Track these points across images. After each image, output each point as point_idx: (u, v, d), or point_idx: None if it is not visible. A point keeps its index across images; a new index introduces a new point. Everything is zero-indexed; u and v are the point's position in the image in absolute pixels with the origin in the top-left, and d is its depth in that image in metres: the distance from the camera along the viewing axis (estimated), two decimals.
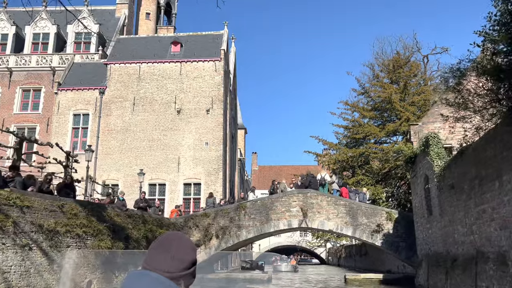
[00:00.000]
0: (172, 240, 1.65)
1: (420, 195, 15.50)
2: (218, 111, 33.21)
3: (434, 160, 13.07)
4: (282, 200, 20.85)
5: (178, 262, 1.60)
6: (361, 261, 40.69)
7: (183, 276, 1.60)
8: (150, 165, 32.62)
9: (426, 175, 14.35)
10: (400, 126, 29.58)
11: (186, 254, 1.64)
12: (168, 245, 1.64)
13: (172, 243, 1.64)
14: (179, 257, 1.61)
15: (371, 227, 20.04)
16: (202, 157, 32.54)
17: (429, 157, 13.36)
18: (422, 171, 14.92)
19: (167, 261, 1.59)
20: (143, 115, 33.31)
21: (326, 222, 20.34)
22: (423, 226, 15.45)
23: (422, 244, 15.79)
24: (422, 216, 15.60)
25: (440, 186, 12.32)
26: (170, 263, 1.59)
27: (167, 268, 1.58)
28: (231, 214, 21.03)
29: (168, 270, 1.58)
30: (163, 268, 1.58)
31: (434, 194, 13.39)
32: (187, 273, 1.62)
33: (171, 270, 1.58)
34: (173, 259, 1.60)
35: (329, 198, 20.60)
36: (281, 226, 20.62)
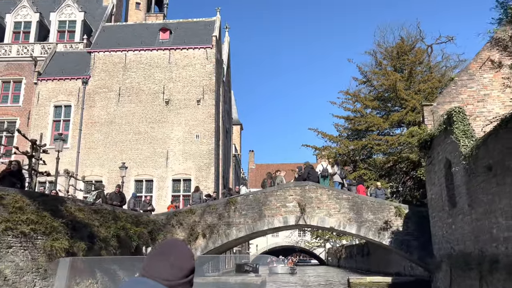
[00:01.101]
0: (171, 248, 1.62)
1: (439, 184, 12.94)
2: (210, 101, 30.66)
3: (460, 139, 10.52)
4: (277, 194, 18.30)
5: (177, 270, 1.57)
6: (363, 262, 38.12)
7: (181, 284, 1.57)
8: (137, 160, 30.06)
9: (448, 160, 11.80)
10: (406, 116, 27.03)
11: (186, 262, 1.60)
12: (168, 252, 1.60)
13: (171, 250, 1.61)
14: (179, 265, 1.58)
15: (378, 224, 17.49)
16: (192, 151, 29.98)
17: (454, 136, 10.81)
18: (442, 156, 12.36)
19: (166, 269, 1.56)
20: (129, 106, 30.75)
21: (326, 219, 17.79)
22: (443, 221, 12.89)
23: (441, 242, 13.23)
24: (441, 210, 13.03)
25: (470, 170, 9.76)
26: (169, 271, 1.56)
27: (166, 276, 1.55)
28: (219, 211, 18.46)
29: (167, 278, 1.55)
30: (162, 276, 1.55)
31: (460, 181, 10.82)
32: (185, 281, 1.58)
33: (170, 278, 1.55)
34: (173, 267, 1.57)
35: (330, 192, 18.04)
36: (276, 224, 18.06)
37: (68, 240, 11.72)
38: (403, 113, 26.94)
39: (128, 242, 14.73)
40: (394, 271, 27.33)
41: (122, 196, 17.22)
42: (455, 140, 10.72)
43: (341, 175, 19.18)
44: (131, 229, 15.05)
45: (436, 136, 12.92)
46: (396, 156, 27.41)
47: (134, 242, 15.02)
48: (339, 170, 19.23)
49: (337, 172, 19.09)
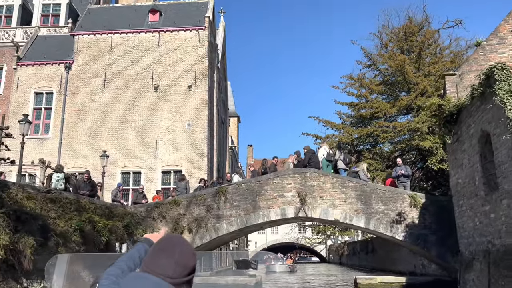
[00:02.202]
0: (175, 245, 1.58)
1: (470, 165, 10.43)
2: (202, 87, 28.14)
3: (506, 101, 8.03)
4: (274, 182, 15.81)
5: (181, 267, 1.54)
6: (367, 259, 35.62)
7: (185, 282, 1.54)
8: (123, 150, 27.56)
9: (485, 132, 9.31)
10: (415, 100, 24.51)
11: (189, 260, 1.57)
12: (172, 249, 1.56)
13: (175, 247, 1.57)
14: (183, 263, 1.55)
15: (390, 216, 15.00)
16: (183, 140, 27.47)
17: (497, 99, 8.30)
18: (476, 128, 9.86)
19: (171, 266, 1.52)
20: (115, 93, 28.23)
21: (330, 210, 15.30)
22: (476, 210, 10.38)
23: (473, 236, 10.71)
24: (472, 196, 10.53)
25: None
26: (174, 268, 1.52)
27: (170, 273, 1.51)
28: (208, 202, 15.98)
29: (171, 275, 1.51)
30: (166, 273, 1.51)
31: (505, 156, 8.32)
32: (188, 279, 1.56)
33: (174, 276, 1.52)
34: (177, 264, 1.53)
35: (334, 179, 15.55)
36: (272, 216, 15.58)
37: (9, 235, 9.24)
38: (412, 97, 24.42)
39: (95, 238, 12.25)
40: (403, 270, 24.85)
41: (92, 184, 14.72)
42: (499, 103, 8.21)
43: (345, 160, 16.69)
44: (100, 222, 12.55)
45: (466, 106, 10.43)
46: (404, 144, 24.93)
47: (103, 238, 12.53)
48: (342, 155, 16.72)
49: (340, 157, 16.58)
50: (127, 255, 1.77)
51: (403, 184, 15.70)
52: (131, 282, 1.52)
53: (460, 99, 11.31)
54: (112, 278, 1.60)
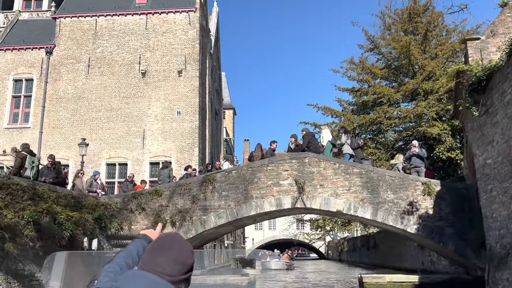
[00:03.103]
0: (173, 242, 1.56)
1: (505, 140, 8.47)
2: (193, 72, 26.12)
3: None
4: (268, 169, 13.84)
5: (180, 265, 1.52)
6: (369, 255, 33.73)
7: (183, 280, 1.53)
8: (109, 141, 25.56)
9: None
10: (422, 84, 22.57)
11: (188, 258, 1.55)
12: (170, 247, 1.54)
13: (173, 245, 1.55)
14: (181, 261, 1.53)
15: (401, 205, 13.06)
16: (172, 129, 25.48)
17: None
18: None
19: (169, 264, 1.50)
20: (100, 79, 26.20)
21: (332, 200, 13.35)
22: None
23: (509, 226, 8.74)
24: (507, 178, 8.57)
25: None
26: (172, 266, 1.50)
27: (169, 271, 1.49)
28: (193, 191, 14.00)
29: (170, 273, 1.49)
30: (164, 271, 1.49)
31: None
32: (187, 276, 1.54)
33: (172, 274, 1.50)
34: (176, 262, 1.51)
35: (336, 165, 13.58)
36: (266, 207, 13.62)
37: None
38: (419, 80, 22.46)
39: (56, 232, 10.25)
40: (409, 267, 22.95)
41: (58, 171, 12.69)
42: None
43: (353, 145, 14.74)
44: (63, 214, 10.56)
45: (500, 68, 8.47)
46: (410, 131, 22.99)
47: (66, 232, 10.53)
48: (349, 139, 14.76)
49: (346, 142, 14.62)
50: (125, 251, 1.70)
51: (417, 170, 13.76)
52: (129, 280, 1.48)
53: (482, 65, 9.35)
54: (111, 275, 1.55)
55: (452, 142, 21.65)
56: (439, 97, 21.55)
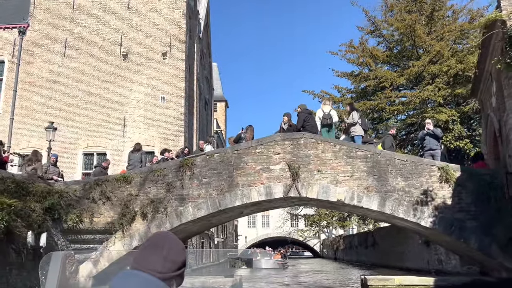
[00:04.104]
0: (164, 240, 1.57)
1: None
2: (179, 55, 23.86)
3: None
4: (257, 152, 11.67)
5: (170, 263, 1.52)
6: (367, 254, 31.63)
7: (174, 277, 1.53)
8: (86, 128, 23.27)
9: None
10: (428, 67, 20.47)
11: (179, 255, 1.56)
12: (161, 245, 1.55)
13: (164, 243, 1.56)
14: (172, 258, 1.53)
15: (413, 194, 10.93)
16: (156, 116, 23.23)
17: None
18: None
19: (159, 262, 1.51)
20: (77, 62, 23.89)
21: (332, 188, 11.20)
22: None
23: None
24: None
25: None
26: (162, 264, 1.51)
27: (159, 269, 1.50)
28: (169, 178, 11.80)
29: (160, 270, 1.50)
30: (155, 269, 1.50)
31: None
32: (179, 273, 1.54)
33: (163, 271, 1.50)
34: (166, 259, 1.52)
35: (337, 147, 11.44)
36: (254, 196, 11.45)
37: None
38: (425, 62, 20.33)
39: None
40: (413, 266, 20.86)
41: None
42: None
43: (365, 125, 12.65)
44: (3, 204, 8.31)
45: None
46: (415, 118, 20.90)
47: (1, 223, 8.30)
48: (359, 118, 12.63)
49: (357, 121, 12.48)
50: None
51: (432, 153, 11.64)
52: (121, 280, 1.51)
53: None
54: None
55: (461, 130, 19.61)
56: (448, 80, 19.50)
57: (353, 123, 12.54)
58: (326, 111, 12.22)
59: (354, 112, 12.72)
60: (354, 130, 12.47)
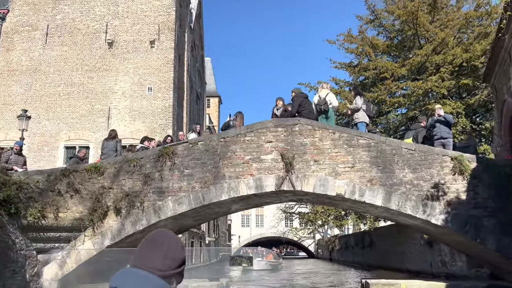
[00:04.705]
0: (163, 238, 1.57)
1: None
2: (168, 43, 22.46)
3: None
4: (246, 140, 10.30)
5: (170, 260, 1.52)
6: (364, 255, 30.32)
7: (174, 275, 1.52)
8: (68, 120, 21.83)
9: None
10: (431, 56, 19.18)
11: (178, 253, 1.55)
12: (160, 243, 1.55)
13: (164, 241, 1.56)
14: (172, 256, 1.53)
15: (422, 188, 9.59)
16: (143, 108, 21.82)
17: None
18: None
19: (159, 260, 1.50)
20: (59, 50, 22.44)
21: (330, 181, 9.85)
22: None
23: None
24: None
25: None
26: (162, 262, 1.50)
27: (159, 267, 1.49)
28: (146, 169, 10.40)
29: (160, 268, 1.49)
30: (155, 267, 1.49)
31: None
32: (178, 271, 1.54)
33: (163, 269, 1.49)
34: (166, 257, 1.51)
35: (336, 134, 10.09)
36: (242, 190, 10.07)
37: None
38: (428, 51, 19.03)
39: None
40: (414, 268, 19.56)
41: None
42: None
43: (370, 112, 11.34)
44: None
45: None
46: (417, 110, 19.61)
47: None
48: (364, 104, 11.31)
49: (361, 106, 11.14)
50: None
51: (442, 142, 10.31)
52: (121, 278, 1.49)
53: None
54: None
55: (466, 124, 18.34)
56: (453, 69, 18.23)
57: (356, 108, 11.19)
58: (322, 96, 10.84)
59: (358, 97, 11.36)
60: (357, 116, 11.13)
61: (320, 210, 32.39)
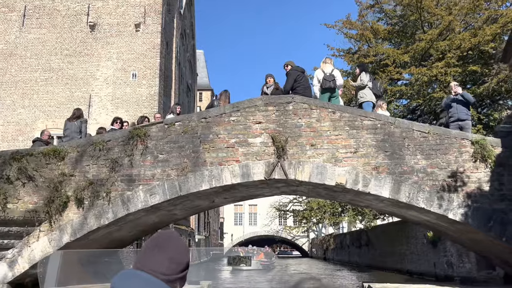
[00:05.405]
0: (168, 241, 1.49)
1: None
2: (154, 27, 20.89)
3: None
4: (231, 120, 8.78)
5: (175, 264, 1.46)
6: (360, 254, 28.89)
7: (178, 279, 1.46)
8: (45, 108, 20.20)
9: None
10: (437, 41, 17.72)
11: (183, 257, 1.49)
12: (165, 246, 1.48)
13: (169, 244, 1.48)
14: (177, 260, 1.47)
15: (438, 177, 8.12)
16: (126, 95, 20.24)
17: None
18: None
19: (164, 263, 1.44)
20: (37, 32, 20.80)
21: (329, 168, 8.36)
22: None
23: None
24: None
25: None
26: (167, 265, 1.44)
27: (164, 271, 1.43)
28: (114, 153, 8.85)
29: (165, 272, 1.43)
30: (160, 270, 1.43)
31: None
32: (182, 275, 1.47)
33: (168, 273, 1.43)
34: (171, 261, 1.45)
35: (336, 114, 8.59)
36: (226, 178, 8.54)
37: None
38: (434, 35, 17.56)
39: None
40: (415, 270, 18.14)
41: None
42: None
43: (377, 90, 9.89)
44: None
45: None
46: (421, 100, 18.15)
47: None
48: (370, 81, 9.83)
49: (366, 84, 9.65)
50: None
51: (460, 124, 8.85)
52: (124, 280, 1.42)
53: None
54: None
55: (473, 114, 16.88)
56: (460, 54, 16.79)
57: (361, 86, 9.69)
58: (328, 71, 9.31)
59: (364, 73, 9.85)
60: (362, 95, 9.63)
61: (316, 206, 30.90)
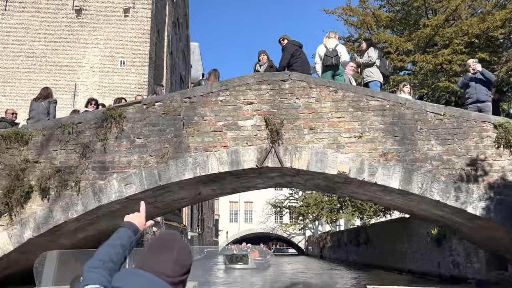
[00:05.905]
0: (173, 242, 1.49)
1: None
2: (144, 12, 19.74)
3: None
4: (219, 101, 7.69)
5: (179, 266, 1.46)
6: (359, 253, 27.85)
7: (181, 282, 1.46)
8: (28, 96, 18.96)
9: None
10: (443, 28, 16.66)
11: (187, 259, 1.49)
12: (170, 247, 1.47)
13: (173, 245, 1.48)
14: (181, 262, 1.46)
15: (454, 165, 7.07)
16: (114, 84, 19.10)
17: None
18: None
19: (169, 265, 1.43)
20: (20, 17, 19.62)
21: (330, 155, 7.29)
22: None
23: None
24: None
25: None
26: (172, 267, 1.44)
27: (168, 272, 1.42)
28: (85, 137, 7.75)
29: (169, 274, 1.42)
30: (164, 272, 1.42)
31: None
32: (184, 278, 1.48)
33: (172, 275, 1.43)
34: (176, 263, 1.45)
35: (339, 93, 7.51)
36: (212, 166, 7.46)
37: None
38: (440, 21, 16.51)
39: None
40: (418, 269, 17.12)
41: None
42: None
43: (386, 69, 8.83)
44: None
45: None
46: (425, 89, 17.10)
47: None
48: (378, 58, 8.75)
49: (374, 61, 8.59)
50: (107, 244, 1.49)
51: (479, 106, 7.80)
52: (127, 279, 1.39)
53: None
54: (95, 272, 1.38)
55: None
56: (468, 40, 15.75)
57: (369, 62, 8.60)
58: (331, 47, 8.22)
59: (372, 48, 8.76)
60: (368, 73, 8.56)
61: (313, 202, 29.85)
